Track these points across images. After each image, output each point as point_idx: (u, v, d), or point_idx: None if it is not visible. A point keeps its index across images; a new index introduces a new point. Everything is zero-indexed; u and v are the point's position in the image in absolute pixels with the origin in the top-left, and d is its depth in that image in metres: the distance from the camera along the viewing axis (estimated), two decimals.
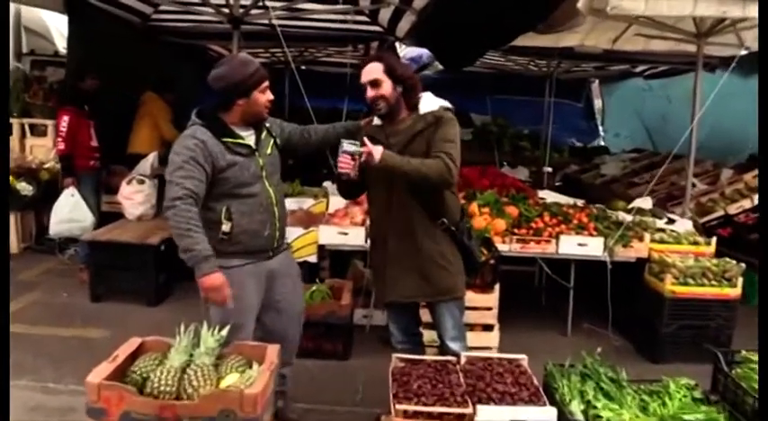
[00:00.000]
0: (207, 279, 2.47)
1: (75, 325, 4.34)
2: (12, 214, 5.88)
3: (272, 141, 2.82)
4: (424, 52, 9.16)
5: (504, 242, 4.16)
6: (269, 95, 2.69)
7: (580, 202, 5.05)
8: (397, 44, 7.91)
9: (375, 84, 2.74)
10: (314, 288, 4.13)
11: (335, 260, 4.71)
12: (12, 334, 4.06)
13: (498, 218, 4.27)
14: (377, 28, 7.10)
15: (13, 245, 5.95)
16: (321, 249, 4.32)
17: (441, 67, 11.06)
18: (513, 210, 4.39)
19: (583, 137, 11.41)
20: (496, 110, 10.27)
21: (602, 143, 11.44)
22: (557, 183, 8.66)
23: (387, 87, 2.74)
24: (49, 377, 3.56)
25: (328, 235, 4.21)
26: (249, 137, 2.71)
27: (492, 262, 3.80)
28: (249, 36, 6.46)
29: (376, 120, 2.91)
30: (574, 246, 4.19)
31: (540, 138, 9.52)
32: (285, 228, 2.91)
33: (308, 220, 4.51)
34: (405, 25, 6.33)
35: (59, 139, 5.06)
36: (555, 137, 9.40)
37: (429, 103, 2.81)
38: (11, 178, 5.81)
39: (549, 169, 8.81)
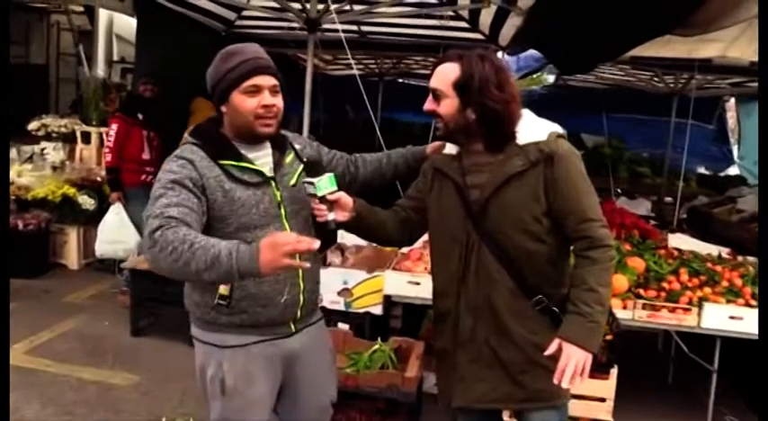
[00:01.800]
0: (262, 263, 1.52)
1: (104, 364, 3.79)
2: (73, 229, 5.57)
3: (300, 168, 2.01)
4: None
5: (625, 307, 3.15)
6: (264, 99, 1.83)
7: (726, 252, 3.91)
8: (499, 54, 7.07)
9: (435, 95, 1.89)
10: (375, 347, 3.32)
11: (409, 310, 3.89)
12: (26, 371, 3.56)
13: (619, 273, 3.26)
14: (477, 35, 6.31)
15: (74, 261, 5.63)
16: (388, 299, 3.51)
17: (549, 79, 10.13)
18: (638, 264, 3.35)
19: (714, 163, 9.89)
20: (611, 130, 9.05)
21: (738, 172, 9.86)
22: (682, 217, 7.37)
23: (449, 106, 1.86)
24: None
25: (395, 283, 3.38)
26: (263, 159, 1.93)
27: (609, 337, 2.81)
28: (332, 44, 5.91)
29: (449, 148, 2.03)
30: (723, 319, 3.09)
31: (662, 163, 8.25)
32: (317, 292, 2.08)
33: (377, 261, 3.72)
34: (508, 31, 5.47)
35: (107, 150, 4.63)
36: (680, 162, 8.06)
37: (532, 128, 1.88)
38: (73, 191, 5.49)
39: (670, 199, 7.54)
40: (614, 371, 2.85)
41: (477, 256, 1.91)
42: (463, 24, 6.10)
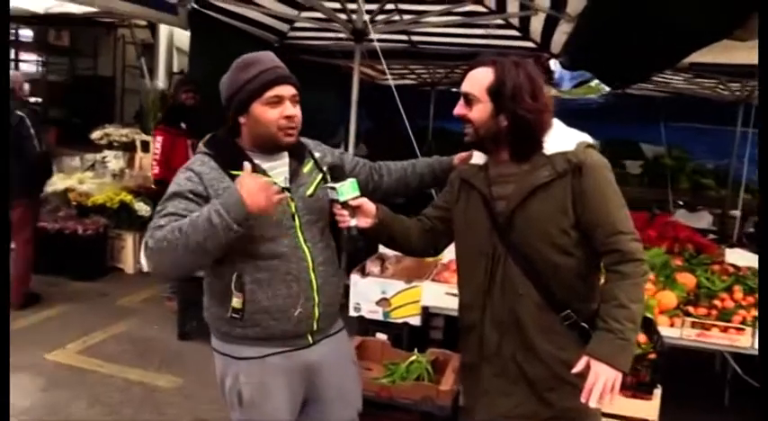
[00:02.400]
0: (251, 208, 1.66)
1: (150, 367, 3.91)
2: (130, 234, 5.78)
3: (319, 178, 2.00)
4: None
5: (672, 325, 3.01)
6: (286, 110, 1.82)
7: None
8: (552, 62, 6.93)
9: (467, 100, 1.84)
10: (413, 358, 3.29)
11: (451, 322, 3.83)
12: (78, 370, 3.74)
13: (667, 289, 3.12)
14: (529, 43, 6.21)
15: (130, 266, 5.84)
16: (426, 310, 3.48)
17: (607, 87, 9.84)
18: (688, 280, 3.21)
19: None
20: (673, 139, 8.70)
21: None
22: (747, 231, 6.97)
23: (481, 111, 1.81)
24: None
25: (433, 294, 3.35)
26: (279, 169, 1.92)
27: (652, 356, 2.69)
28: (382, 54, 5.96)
29: (476, 157, 1.99)
30: None
31: (727, 174, 7.87)
32: (335, 303, 2.05)
33: (417, 271, 3.70)
34: (560, 38, 5.36)
35: (154, 162, 4.76)
36: (748, 174, 7.66)
37: (560, 137, 1.82)
38: (130, 198, 5.71)
39: (737, 212, 7.16)
40: (658, 392, 2.71)
41: (503, 269, 1.86)
42: (514, 33, 6.02)
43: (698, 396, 3.70)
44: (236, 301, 1.84)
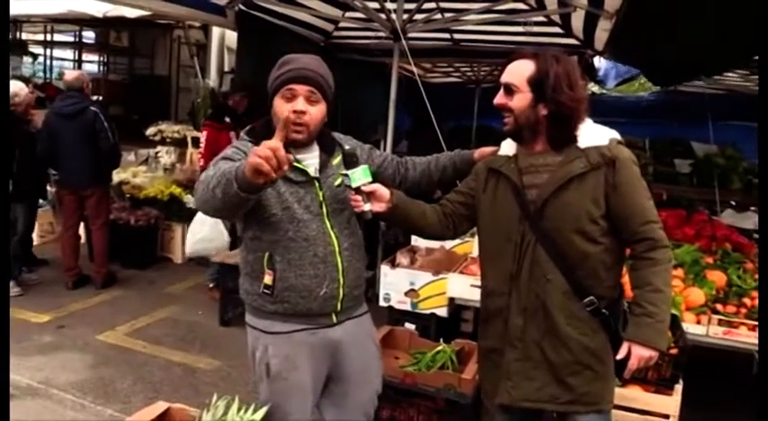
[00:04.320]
0: (250, 165, 1.56)
1: (191, 349, 4.12)
2: (179, 225, 6.05)
3: None
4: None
5: (699, 322, 2.98)
6: (294, 105, 1.92)
7: None
8: (596, 59, 6.85)
9: (508, 90, 1.93)
10: (439, 348, 3.37)
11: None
12: (124, 350, 4.02)
13: (695, 286, 3.10)
14: (572, 40, 6.17)
15: (178, 255, 6.11)
16: (453, 301, 3.55)
17: (653, 85, 9.62)
18: (718, 277, 3.17)
19: None
20: (726, 138, 8.40)
21: None
22: None
23: (521, 101, 1.91)
24: (137, 409, 3.30)
25: (458, 286, 3.42)
26: (310, 160, 2.05)
27: (673, 351, 2.69)
28: (422, 52, 6.06)
29: (505, 149, 2.07)
30: None
31: None
32: (359, 286, 2.18)
33: (447, 264, 3.77)
34: (601, 35, 5.31)
35: (200, 155, 5.01)
36: None
37: (593, 133, 1.93)
38: (179, 191, 5.98)
39: None
40: (679, 388, 2.71)
41: (532, 256, 1.94)
42: (557, 30, 6.00)
43: (731, 396, 3.64)
44: (267, 278, 2.00)
